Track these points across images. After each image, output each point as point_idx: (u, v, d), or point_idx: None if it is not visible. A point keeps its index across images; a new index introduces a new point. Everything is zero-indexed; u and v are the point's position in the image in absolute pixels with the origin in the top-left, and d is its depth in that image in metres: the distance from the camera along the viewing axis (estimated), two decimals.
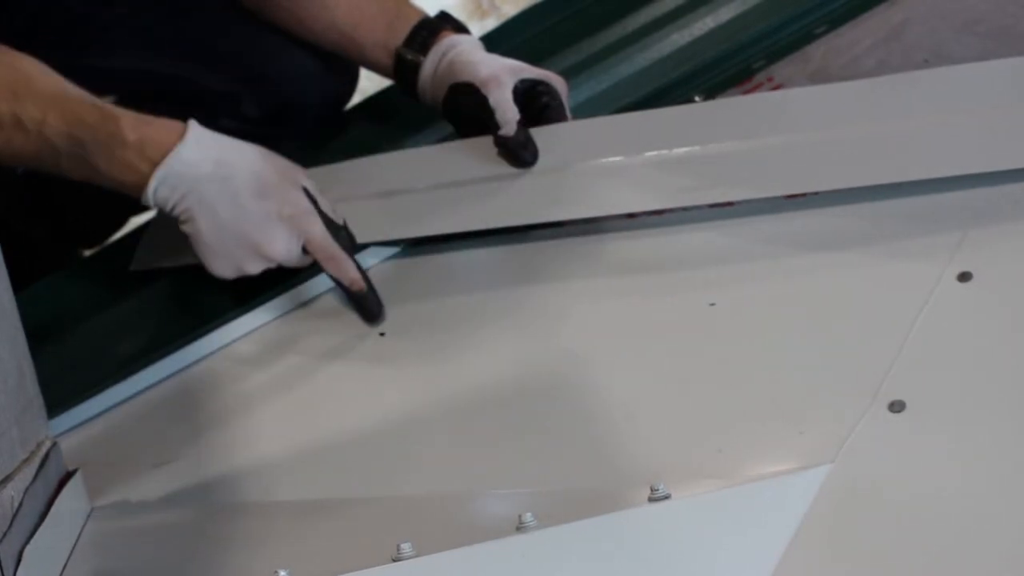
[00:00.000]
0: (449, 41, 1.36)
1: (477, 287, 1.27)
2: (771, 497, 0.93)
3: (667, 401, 1.05)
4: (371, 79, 1.56)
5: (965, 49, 1.25)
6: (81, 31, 1.53)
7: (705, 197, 1.20)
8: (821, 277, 1.11)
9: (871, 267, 1.10)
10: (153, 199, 1.21)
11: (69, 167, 1.23)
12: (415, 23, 1.38)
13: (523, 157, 1.27)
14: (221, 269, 1.23)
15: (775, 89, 1.31)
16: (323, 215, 1.24)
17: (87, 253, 1.76)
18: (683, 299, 1.14)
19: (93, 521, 1.12)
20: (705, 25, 1.40)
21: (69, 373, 1.29)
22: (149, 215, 1.54)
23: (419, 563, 0.91)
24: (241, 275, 1.24)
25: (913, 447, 0.94)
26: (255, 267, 1.23)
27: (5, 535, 0.99)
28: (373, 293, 1.24)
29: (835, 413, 0.98)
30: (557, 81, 1.33)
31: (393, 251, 1.32)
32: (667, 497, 0.92)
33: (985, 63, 1.20)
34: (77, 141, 1.21)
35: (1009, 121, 1.14)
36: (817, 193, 1.18)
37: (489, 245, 1.28)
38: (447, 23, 1.38)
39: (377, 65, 1.42)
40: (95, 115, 1.21)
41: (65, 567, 1.06)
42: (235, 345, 1.28)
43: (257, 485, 1.12)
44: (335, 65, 1.53)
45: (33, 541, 1.02)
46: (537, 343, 1.16)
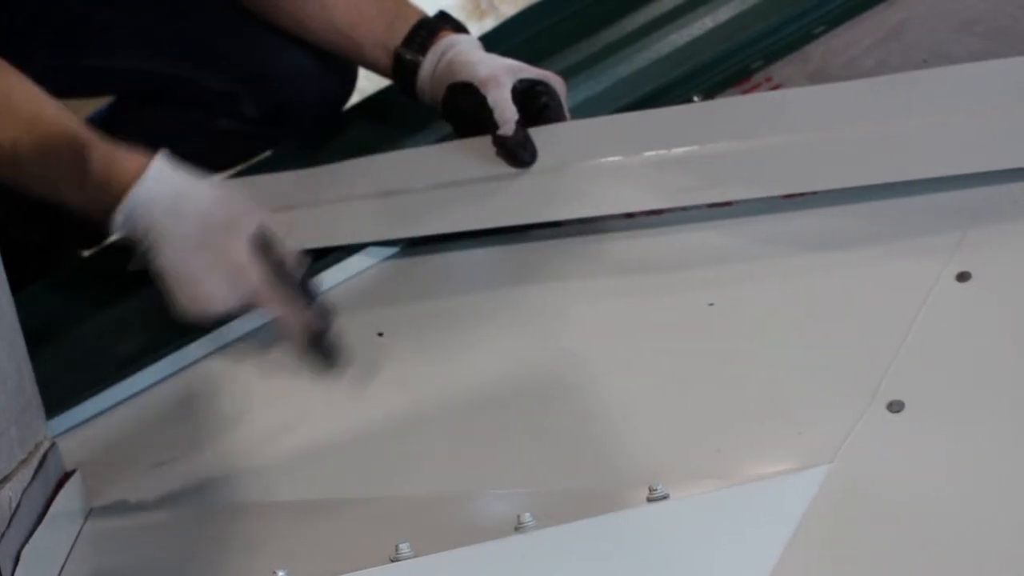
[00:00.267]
0: (448, 41, 1.36)
1: (475, 287, 1.27)
2: (770, 497, 0.93)
3: (666, 401, 1.05)
4: (370, 79, 1.56)
5: (964, 49, 1.25)
6: (81, 31, 1.53)
7: (704, 197, 1.20)
8: (820, 277, 1.11)
9: (870, 267, 1.10)
10: (120, 234, 1.21)
11: (39, 189, 1.23)
12: (414, 23, 1.38)
13: (521, 157, 1.27)
14: (178, 308, 1.20)
15: (774, 89, 1.31)
16: (274, 263, 1.20)
17: (86, 253, 1.76)
18: (682, 299, 1.14)
19: (92, 521, 1.12)
20: (704, 25, 1.40)
21: (68, 373, 1.29)
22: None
23: (417, 563, 0.91)
24: (203, 318, 1.21)
25: (912, 447, 0.94)
26: (205, 316, 1.21)
27: (3, 535, 0.99)
28: (331, 340, 1.18)
29: (834, 413, 0.98)
30: (556, 81, 1.33)
31: (392, 251, 1.32)
32: (665, 497, 0.92)
33: (984, 63, 1.20)
34: (47, 167, 1.20)
35: (1008, 121, 1.14)
36: (816, 193, 1.18)
37: (487, 245, 1.28)
38: (446, 23, 1.38)
39: (376, 65, 1.42)
40: (66, 143, 1.21)
41: (63, 568, 1.06)
42: (234, 345, 1.28)
43: (255, 485, 1.12)
44: (334, 65, 1.53)
45: (31, 541, 1.02)
46: (536, 343, 1.16)
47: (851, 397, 0.98)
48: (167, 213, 1.19)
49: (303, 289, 1.21)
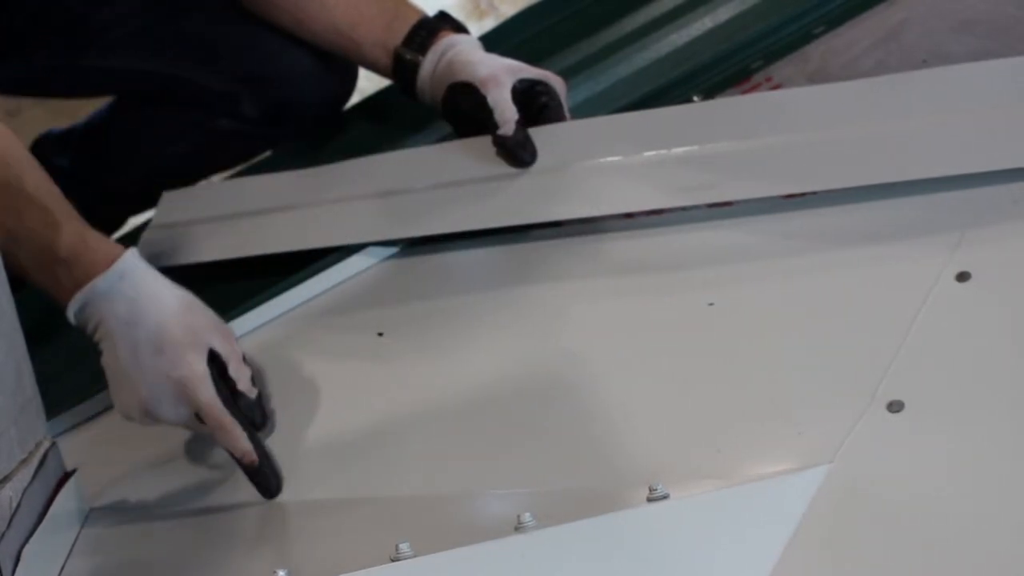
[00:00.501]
0: (448, 41, 1.36)
1: (476, 287, 1.27)
2: (769, 497, 0.93)
3: (666, 401, 1.05)
4: (370, 79, 1.56)
5: (964, 49, 1.25)
6: (81, 31, 1.53)
7: (704, 197, 1.20)
8: (820, 277, 1.11)
9: (869, 267, 1.10)
10: (74, 319, 1.16)
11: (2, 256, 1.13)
12: (414, 23, 1.38)
13: (521, 157, 1.27)
14: (121, 407, 1.15)
15: (774, 89, 1.31)
16: (227, 381, 1.14)
17: None
18: (682, 299, 1.14)
19: (91, 521, 1.12)
20: (703, 25, 1.39)
21: (68, 373, 1.29)
22: (148, 215, 1.54)
23: (418, 563, 0.91)
24: (143, 423, 1.15)
25: (911, 447, 0.94)
26: (146, 421, 1.14)
27: (3, 535, 0.99)
28: (269, 468, 1.12)
29: (833, 413, 0.97)
30: (556, 81, 1.33)
31: (392, 251, 1.32)
32: (665, 497, 0.92)
33: (984, 63, 1.20)
34: (14, 238, 1.15)
35: (1008, 121, 1.14)
36: (816, 193, 1.18)
37: (488, 245, 1.28)
38: (446, 23, 1.38)
39: (376, 65, 1.42)
40: (38, 220, 1.16)
41: (63, 567, 1.06)
42: None
43: None
44: (334, 65, 1.53)
45: (31, 541, 1.02)
46: (536, 343, 1.16)
47: (851, 397, 0.98)
48: (123, 314, 1.13)
49: (252, 414, 1.15)
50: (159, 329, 1.12)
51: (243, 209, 1.40)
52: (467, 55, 1.33)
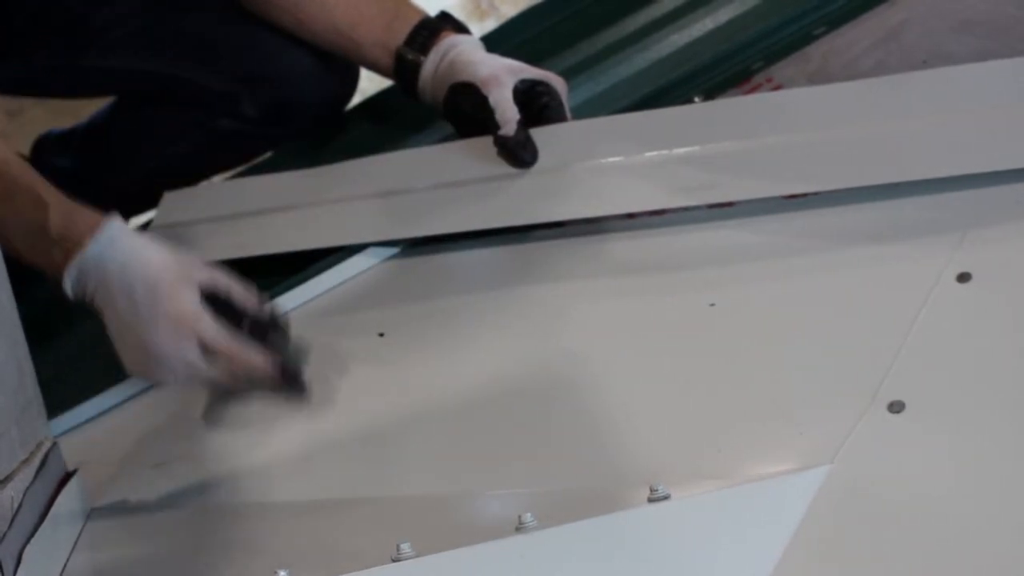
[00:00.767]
0: (450, 41, 1.36)
1: (476, 287, 1.27)
2: (770, 497, 0.93)
3: (667, 401, 1.05)
4: (371, 80, 1.56)
5: (964, 49, 1.25)
6: (81, 31, 1.53)
7: (705, 197, 1.20)
8: (820, 277, 1.11)
9: (870, 267, 1.10)
10: (71, 291, 1.20)
11: None
12: (415, 23, 1.38)
13: (522, 157, 1.27)
14: (130, 365, 1.20)
15: (775, 90, 1.31)
16: (229, 314, 1.19)
17: None
18: (683, 299, 1.14)
19: (93, 521, 1.12)
20: (704, 26, 1.39)
21: (69, 373, 1.29)
22: (149, 215, 1.54)
23: (418, 563, 0.91)
24: (156, 382, 1.22)
25: (912, 447, 0.94)
26: (160, 373, 1.19)
27: (5, 535, 0.99)
28: (294, 378, 1.18)
29: (834, 413, 0.97)
30: (557, 82, 1.33)
31: (393, 251, 1.32)
32: (666, 497, 0.92)
33: (984, 63, 1.20)
34: (4, 223, 1.21)
35: (1008, 121, 1.14)
36: (817, 193, 1.18)
37: (489, 245, 1.28)
38: (447, 23, 1.39)
39: (377, 65, 1.42)
40: (27, 203, 1.21)
41: (65, 567, 1.06)
42: None
43: (256, 485, 1.12)
44: (335, 65, 1.53)
45: (33, 541, 1.02)
46: (537, 343, 1.16)
47: (852, 397, 0.98)
48: (117, 271, 1.19)
49: (263, 329, 1.19)
50: (152, 277, 1.18)
51: (245, 209, 1.40)
52: (469, 55, 1.34)
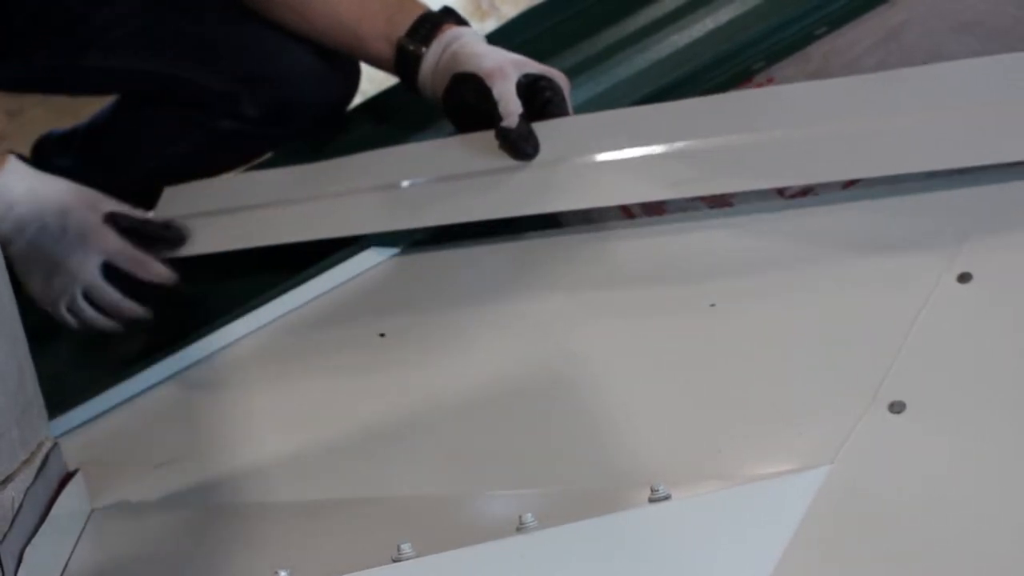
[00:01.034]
0: (452, 33, 1.37)
1: (477, 287, 1.27)
2: (771, 498, 0.93)
3: (667, 401, 1.05)
4: (372, 81, 1.56)
5: (964, 50, 1.25)
6: (81, 31, 1.53)
7: (704, 188, 1.20)
8: (821, 277, 1.11)
9: (871, 267, 1.09)
10: None
11: None
12: (417, 16, 1.39)
13: (524, 149, 1.27)
14: (36, 290, 1.30)
15: None
16: (133, 224, 1.31)
17: None
18: (684, 300, 1.14)
19: (93, 522, 1.12)
20: (705, 26, 1.39)
21: (70, 374, 1.29)
22: (148, 215, 1.54)
23: (419, 564, 0.91)
24: (63, 301, 1.30)
25: (912, 448, 0.94)
26: (66, 288, 1.30)
27: (6, 536, 0.99)
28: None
29: (835, 414, 0.97)
30: (560, 77, 1.34)
31: (394, 251, 1.32)
32: (667, 498, 0.92)
33: (983, 59, 1.20)
34: None
35: (1006, 116, 1.14)
36: (817, 194, 1.18)
37: (489, 245, 1.28)
38: (449, 17, 1.39)
39: (379, 58, 1.42)
40: None
41: (66, 567, 1.06)
42: (235, 346, 1.28)
43: (257, 485, 1.12)
44: (336, 65, 1.53)
45: (34, 542, 1.02)
46: (537, 343, 1.16)
47: (852, 398, 0.98)
48: (23, 198, 1.28)
49: (165, 236, 1.33)
50: (61, 201, 1.29)
51: (245, 202, 1.40)
52: (471, 47, 1.34)
